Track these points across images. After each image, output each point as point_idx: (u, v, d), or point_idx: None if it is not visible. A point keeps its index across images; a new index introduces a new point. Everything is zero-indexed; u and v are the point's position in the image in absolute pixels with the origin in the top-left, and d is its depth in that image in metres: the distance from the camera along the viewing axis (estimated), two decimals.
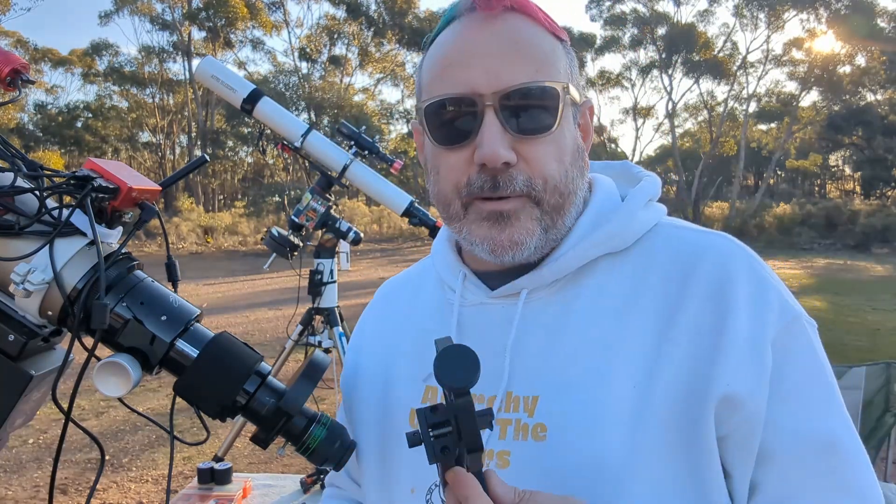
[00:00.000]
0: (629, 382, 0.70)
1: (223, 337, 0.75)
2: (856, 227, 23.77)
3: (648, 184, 0.82)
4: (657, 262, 0.76)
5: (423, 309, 0.89)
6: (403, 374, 0.86)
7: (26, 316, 0.73)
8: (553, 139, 0.73)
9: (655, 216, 0.80)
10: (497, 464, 0.74)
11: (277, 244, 2.81)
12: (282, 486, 2.08)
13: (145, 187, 0.77)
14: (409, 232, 27.33)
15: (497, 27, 0.73)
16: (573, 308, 0.76)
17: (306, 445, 0.76)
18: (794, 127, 34.18)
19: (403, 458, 0.81)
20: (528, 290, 0.78)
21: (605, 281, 0.77)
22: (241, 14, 31.44)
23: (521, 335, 0.77)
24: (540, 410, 0.73)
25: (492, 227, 0.74)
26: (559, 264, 0.77)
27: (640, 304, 0.74)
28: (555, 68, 0.74)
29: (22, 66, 0.76)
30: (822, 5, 30.58)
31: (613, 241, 0.77)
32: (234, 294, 12.93)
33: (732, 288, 0.71)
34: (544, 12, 0.78)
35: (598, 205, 0.80)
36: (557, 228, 0.76)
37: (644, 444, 0.69)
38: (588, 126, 0.81)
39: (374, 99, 37.39)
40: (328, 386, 3.10)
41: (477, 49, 0.72)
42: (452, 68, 0.73)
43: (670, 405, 0.69)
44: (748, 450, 0.69)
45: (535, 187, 0.73)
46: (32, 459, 4.54)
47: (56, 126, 35.66)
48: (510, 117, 0.71)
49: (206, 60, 2.82)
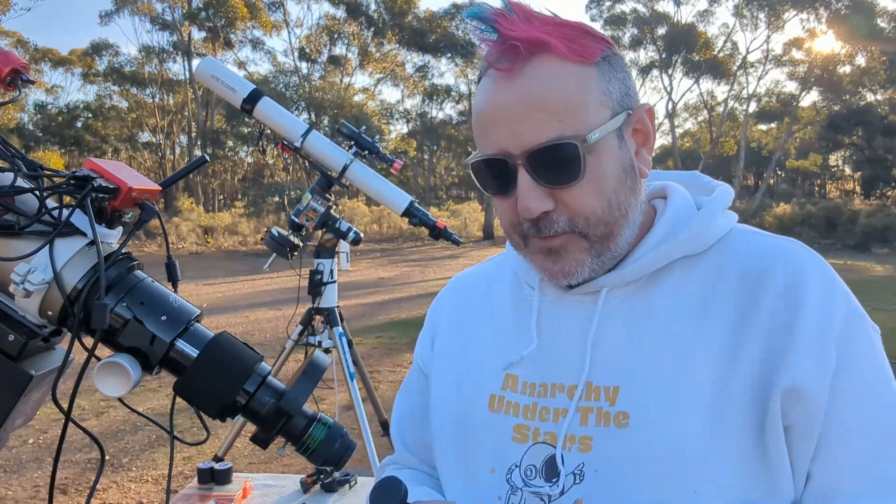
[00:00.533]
0: (708, 376, 0.75)
1: (223, 337, 0.75)
2: (856, 227, 23.75)
3: (724, 192, 0.88)
4: (734, 264, 0.80)
5: (500, 302, 0.95)
6: (483, 362, 0.91)
7: (26, 316, 0.73)
8: (587, 181, 0.77)
9: (730, 222, 0.85)
10: (579, 448, 0.78)
11: (277, 244, 2.81)
12: (282, 486, 2.08)
13: (145, 187, 0.78)
14: (409, 232, 27.35)
15: (516, 85, 0.76)
16: (652, 305, 0.81)
17: (306, 445, 0.76)
18: (794, 127, 34.21)
19: (482, 439, 0.86)
20: (608, 288, 0.83)
21: (684, 280, 0.81)
22: (241, 14, 31.44)
23: (600, 329, 0.82)
24: (622, 399, 0.78)
25: (545, 260, 0.81)
26: (641, 264, 0.82)
27: (718, 303, 0.78)
28: (579, 112, 0.75)
29: (22, 66, 0.77)
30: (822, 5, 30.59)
31: (693, 243, 0.82)
32: (234, 294, 12.93)
33: (804, 288, 0.76)
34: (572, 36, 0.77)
35: (676, 211, 0.85)
36: (611, 251, 0.81)
37: (723, 432, 0.73)
38: (647, 130, 0.84)
39: (374, 99, 37.39)
40: (328, 386, 3.11)
41: (500, 111, 0.77)
42: (486, 129, 0.79)
43: (746, 396, 0.73)
44: (808, 441, 0.73)
45: (577, 225, 0.78)
46: (32, 459, 4.54)
47: (56, 126, 35.67)
48: (540, 171, 0.76)
49: (206, 60, 2.82)
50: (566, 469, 0.78)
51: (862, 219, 24.31)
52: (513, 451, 0.82)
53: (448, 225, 2.93)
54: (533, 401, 0.83)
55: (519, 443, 0.82)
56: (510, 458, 0.82)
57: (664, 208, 0.86)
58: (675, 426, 0.74)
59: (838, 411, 0.73)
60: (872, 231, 23.26)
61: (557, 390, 0.82)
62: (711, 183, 0.92)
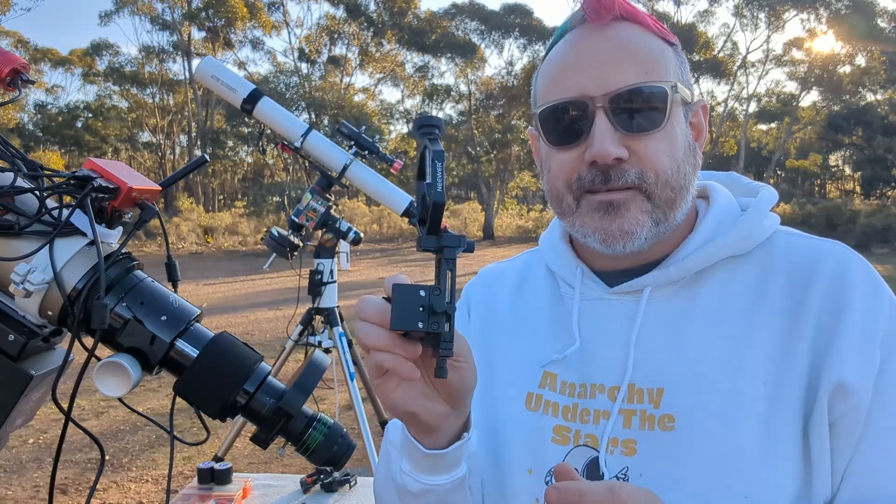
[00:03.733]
0: (759, 378, 0.74)
1: (223, 337, 0.75)
2: (856, 227, 23.74)
3: (769, 194, 0.87)
4: (781, 265, 0.80)
5: (534, 299, 0.93)
6: (519, 357, 0.89)
7: (26, 316, 0.73)
8: (664, 136, 0.77)
9: (774, 224, 0.84)
10: (622, 451, 0.77)
11: (277, 244, 2.82)
12: (282, 486, 2.08)
13: (145, 187, 0.78)
14: (409, 232, 27.33)
15: (606, 34, 0.79)
16: (697, 305, 0.80)
17: (306, 445, 0.76)
18: (794, 127, 34.20)
19: (518, 438, 0.84)
20: (651, 288, 0.81)
21: (728, 281, 0.80)
22: (240, 14, 31.44)
23: (643, 330, 0.80)
24: (666, 402, 0.76)
25: (602, 218, 0.78)
26: (686, 263, 0.80)
27: (767, 303, 0.77)
28: (664, 69, 0.79)
29: (22, 66, 0.76)
30: (822, 5, 30.59)
31: (740, 244, 0.81)
32: (234, 294, 12.92)
33: (850, 288, 0.75)
34: (654, 19, 0.82)
35: (720, 210, 0.84)
36: (668, 222, 0.79)
37: (776, 434, 0.72)
38: (701, 125, 0.85)
39: (374, 99, 37.38)
40: (328, 386, 3.11)
41: (587, 55, 0.78)
42: (565, 75, 0.79)
43: (796, 397, 0.73)
44: (848, 439, 0.72)
45: (646, 180, 0.76)
46: (32, 459, 4.54)
47: (56, 126, 35.66)
48: (621, 116, 0.76)
49: (206, 60, 2.82)
50: (609, 473, 0.77)
51: (862, 219, 24.30)
52: (552, 453, 0.81)
53: (448, 225, 2.92)
54: (573, 401, 0.82)
55: (559, 444, 0.81)
56: (549, 459, 0.81)
57: (707, 208, 0.86)
58: (727, 429, 0.73)
59: (879, 410, 0.71)
60: (872, 231, 23.24)
61: (598, 391, 0.80)
62: (752, 184, 0.92)
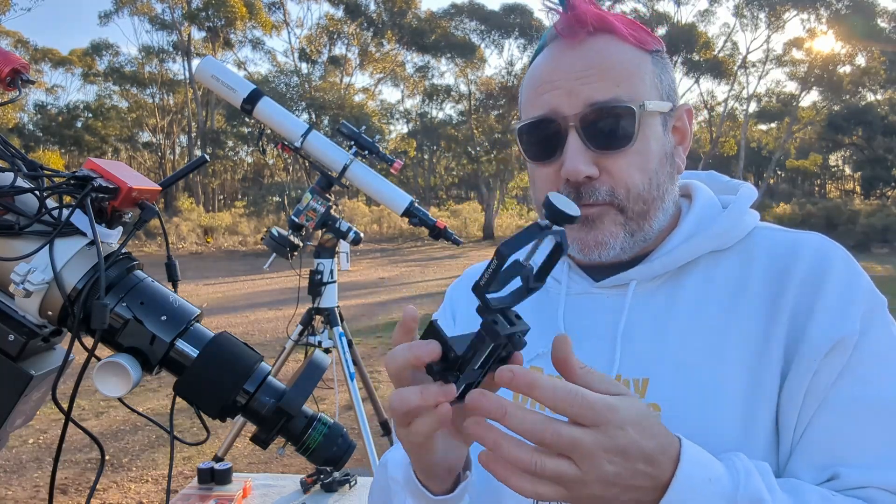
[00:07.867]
0: (741, 365, 0.76)
1: (223, 337, 0.75)
2: (856, 227, 23.72)
3: (749, 191, 0.90)
4: (761, 257, 0.82)
5: None
6: None
7: (26, 316, 0.73)
8: (635, 150, 0.80)
9: (754, 220, 0.87)
10: None
11: (277, 244, 2.81)
12: (282, 486, 2.08)
13: (145, 187, 0.78)
14: (409, 232, 27.34)
15: (580, 51, 0.81)
16: (680, 298, 0.82)
17: (306, 445, 0.76)
18: (794, 127, 34.20)
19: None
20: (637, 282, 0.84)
21: (710, 274, 0.83)
22: (240, 14, 31.43)
23: (629, 322, 0.83)
24: (651, 392, 0.78)
25: (580, 230, 0.82)
26: (670, 258, 0.83)
27: (747, 293, 0.79)
28: (636, 82, 0.80)
29: (22, 66, 0.77)
30: (822, 5, 30.59)
31: (721, 239, 0.83)
32: (234, 294, 12.93)
33: (828, 273, 0.77)
34: (633, 26, 0.84)
35: (702, 207, 0.87)
36: (644, 232, 0.83)
37: (756, 417, 0.74)
38: (685, 129, 0.87)
39: (374, 99, 37.37)
40: (328, 386, 3.11)
41: (559, 74, 0.81)
42: (539, 92, 0.82)
43: (775, 377, 0.75)
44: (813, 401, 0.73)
45: (617, 196, 0.80)
46: (32, 459, 4.54)
47: (56, 126, 35.67)
48: (591, 134, 0.79)
49: (205, 60, 2.82)
50: None
51: (862, 219, 24.30)
52: None
53: (448, 225, 2.92)
54: None
55: None
56: None
57: (690, 205, 0.88)
58: (707, 415, 0.75)
59: (850, 381, 0.73)
60: (872, 231, 23.23)
61: None
62: (732, 182, 0.94)
